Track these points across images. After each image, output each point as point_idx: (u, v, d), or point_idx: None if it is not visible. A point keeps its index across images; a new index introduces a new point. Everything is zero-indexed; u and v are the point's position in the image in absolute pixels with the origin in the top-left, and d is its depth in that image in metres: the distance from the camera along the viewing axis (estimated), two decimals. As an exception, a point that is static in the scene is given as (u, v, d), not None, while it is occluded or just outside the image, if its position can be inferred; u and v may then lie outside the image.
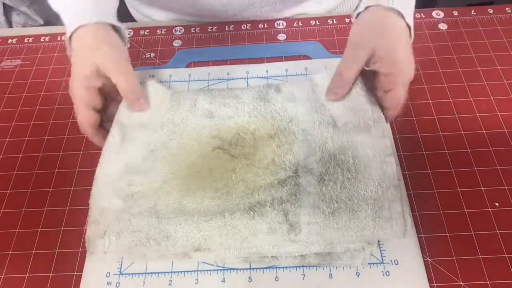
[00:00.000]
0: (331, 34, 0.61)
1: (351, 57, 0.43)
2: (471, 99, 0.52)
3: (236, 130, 0.46)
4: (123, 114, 0.47)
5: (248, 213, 0.40)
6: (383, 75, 0.42)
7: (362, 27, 0.44)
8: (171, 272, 0.41)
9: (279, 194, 0.41)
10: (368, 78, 0.46)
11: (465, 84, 0.54)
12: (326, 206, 0.40)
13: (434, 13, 0.62)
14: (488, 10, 0.62)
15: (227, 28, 0.63)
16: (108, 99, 0.47)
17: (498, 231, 0.42)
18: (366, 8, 0.44)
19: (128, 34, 0.63)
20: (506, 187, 0.45)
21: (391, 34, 0.42)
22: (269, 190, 0.42)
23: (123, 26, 0.47)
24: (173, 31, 0.63)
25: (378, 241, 0.41)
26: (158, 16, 0.67)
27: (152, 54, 0.60)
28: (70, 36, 0.44)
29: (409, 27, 0.43)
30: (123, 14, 0.75)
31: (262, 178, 0.43)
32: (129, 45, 0.48)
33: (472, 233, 0.42)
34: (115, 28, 0.46)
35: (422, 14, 0.63)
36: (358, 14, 0.45)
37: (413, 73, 0.42)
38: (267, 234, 0.39)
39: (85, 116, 0.43)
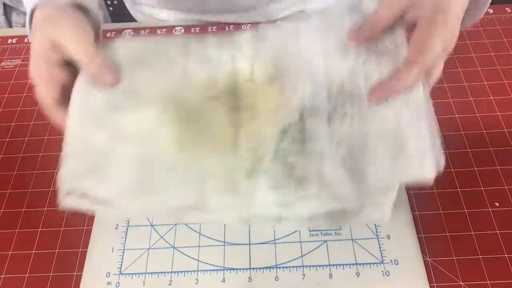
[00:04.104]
0: (331, 34, 0.61)
1: (387, 1, 0.37)
2: (471, 99, 0.52)
3: (233, 78, 0.40)
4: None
5: (250, 172, 0.36)
6: (423, 20, 0.35)
7: None
8: (171, 272, 0.41)
9: (283, 145, 0.36)
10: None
11: (465, 84, 0.54)
12: (337, 151, 0.35)
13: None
14: (488, 10, 0.62)
15: (227, 28, 0.63)
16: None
17: (498, 231, 0.42)
18: None
19: (128, 34, 0.63)
20: (506, 187, 0.45)
21: None
22: (272, 142, 0.37)
23: (99, 12, 0.42)
24: (173, 31, 0.63)
25: (378, 242, 0.42)
26: (164, 16, 0.67)
27: (152, 54, 0.60)
28: (32, 14, 0.40)
29: None
30: (123, 14, 0.75)
31: (264, 129, 0.37)
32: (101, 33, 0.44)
33: (472, 233, 0.42)
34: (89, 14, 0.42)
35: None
36: None
37: (453, 44, 0.36)
38: (271, 191, 0.35)
39: (43, 91, 0.38)
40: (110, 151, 0.36)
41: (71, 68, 0.39)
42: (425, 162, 0.33)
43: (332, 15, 0.41)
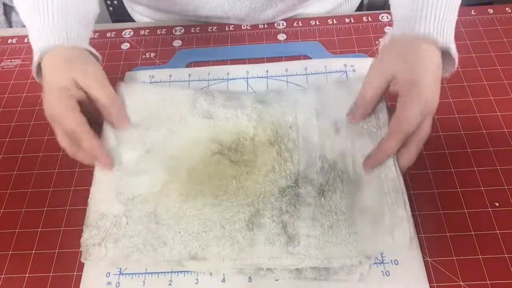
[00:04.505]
0: (331, 34, 0.61)
1: (371, 77, 0.42)
2: (471, 99, 0.52)
3: (236, 135, 0.45)
4: None
5: (247, 225, 0.40)
6: (400, 95, 0.40)
7: (387, 50, 0.43)
8: (171, 272, 0.41)
9: (279, 204, 0.41)
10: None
11: (465, 84, 0.54)
12: (326, 219, 0.40)
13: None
14: (488, 10, 0.62)
15: (227, 28, 0.63)
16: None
17: (498, 231, 0.42)
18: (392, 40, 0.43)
19: (128, 34, 0.63)
20: (506, 187, 0.45)
21: (416, 57, 0.40)
22: (269, 199, 0.41)
23: (97, 53, 0.46)
24: (173, 31, 0.63)
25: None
26: (161, 17, 0.68)
27: (152, 54, 0.60)
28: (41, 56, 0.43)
29: (446, 49, 0.41)
30: (123, 14, 0.75)
31: (262, 186, 0.42)
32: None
33: (472, 233, 0.42)
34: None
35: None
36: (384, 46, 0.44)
37: (436, 104, 0.40)
38: (265, 245, 0.39)
39: (68, 118, 0.40)
40: (124, 215, 0.41)
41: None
42: (398, 236, 0.37)
43: (325, 91, 0.48)
